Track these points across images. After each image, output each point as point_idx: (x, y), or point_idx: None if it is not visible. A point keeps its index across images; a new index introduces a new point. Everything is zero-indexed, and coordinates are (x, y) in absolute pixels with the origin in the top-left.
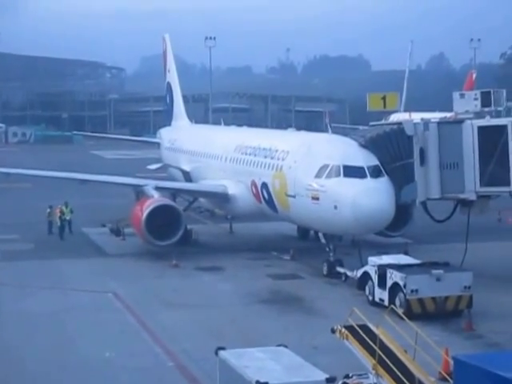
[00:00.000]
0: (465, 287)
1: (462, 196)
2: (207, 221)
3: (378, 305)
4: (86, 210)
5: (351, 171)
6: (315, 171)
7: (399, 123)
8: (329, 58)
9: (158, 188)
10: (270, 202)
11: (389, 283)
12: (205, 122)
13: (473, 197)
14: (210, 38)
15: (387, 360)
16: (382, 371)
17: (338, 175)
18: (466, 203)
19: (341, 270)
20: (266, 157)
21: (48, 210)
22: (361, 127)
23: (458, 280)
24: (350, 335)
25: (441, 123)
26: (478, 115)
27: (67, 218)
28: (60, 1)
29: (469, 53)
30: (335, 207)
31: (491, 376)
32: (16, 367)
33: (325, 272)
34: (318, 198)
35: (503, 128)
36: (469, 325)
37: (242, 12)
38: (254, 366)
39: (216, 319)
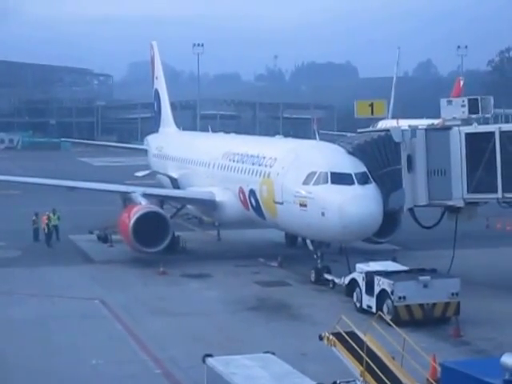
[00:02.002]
0: (452, 294)
1: (449, 203)
2: (195, 228)
3: (366, 311)
4: (74, 216)
5: (339, 178)
6: (303, 178)
7: (387, 130)
8: (316, 65)
9: (145, 195)
10: (257, 208)
11: (376, 290)
12: (192, 128)
13: (460, 203)
14: (198, 44)
15: (375, 367)
16: (369, 378)
17: (326, 182)
18: (453, 210)
19: (328, 276)
20: (253, 164)
21: (33, 218)
22: (348, 134)
23: (445, 287)
24: (337, 342)
25: (428, 130)
26: (466, 122)
27: (55, 224)
28: (47, 7)
29: (456, 60)
30: (323, 214)
31: (478, 382)
32: (1, 375)
33: (312, 279)
34: (305, 205)
35: (491, 135)
36: (456, 331)
37: (230, 19)
38: (242, 374)
39: (203, 326)
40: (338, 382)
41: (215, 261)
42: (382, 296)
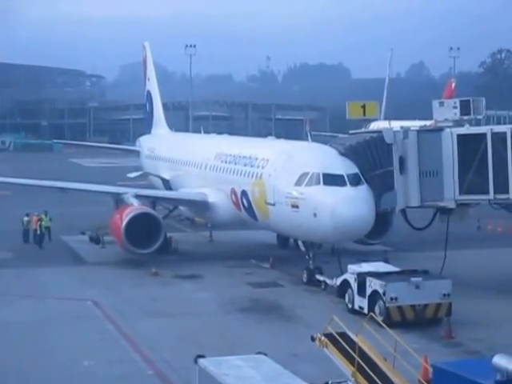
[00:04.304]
0: (444, 295)
1: (441, 204)
2: (187, 229)
3: (358, 312)
4: (66, 217)
5: (331, 179)
6: (295, 179)
7: (379, 131)
8: (308, 66)
9: (137, 196)
10: (249, 210)
11: (368, 291)
12: (185, 130)
13: (452, 205)
14: (191, 45)
15: (366, 368)
16: (361, 379)
17: (318, 183)
18: (445, 211)
19: (320, 277)
20: (245, 165)
21: (25, 219)
22: (341, 135)
23: (437, 288)
24: (329, 343)
25: (420, 131)
26: (458, 123)
27: (47, 225)
28: (39, 8)
29: (448, 61)
30: (315, 215)
31: (470, 383)
32: None
33: (304, 280)
34: (297, 206)
35: (482, 136)
36: (448, 332)
37: (223, 20)
38: (234, 374)
39: (196, 327)
40: (329, 382)
41: (207, 262)
42: (374, 297)
